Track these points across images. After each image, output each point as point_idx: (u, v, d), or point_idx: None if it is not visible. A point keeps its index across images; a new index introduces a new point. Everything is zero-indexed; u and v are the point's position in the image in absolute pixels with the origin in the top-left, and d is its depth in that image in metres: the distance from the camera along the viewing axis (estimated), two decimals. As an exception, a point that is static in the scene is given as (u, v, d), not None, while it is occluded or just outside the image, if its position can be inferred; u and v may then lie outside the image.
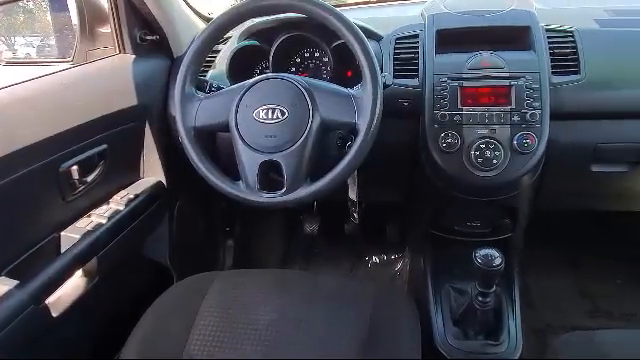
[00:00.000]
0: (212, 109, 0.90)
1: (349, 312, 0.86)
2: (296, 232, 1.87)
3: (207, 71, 1.21)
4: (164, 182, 1.25)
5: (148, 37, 1.21)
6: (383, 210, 1.76)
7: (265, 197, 0.86)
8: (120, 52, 1.20)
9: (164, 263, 1.30)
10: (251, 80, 0.89)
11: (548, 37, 1.04)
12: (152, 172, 1.24)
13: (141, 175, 1.24)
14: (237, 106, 0.87)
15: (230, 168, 0.90)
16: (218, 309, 0.88)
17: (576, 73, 1.00)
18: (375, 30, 1.14)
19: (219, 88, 1.00)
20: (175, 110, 0.91)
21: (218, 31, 0.91)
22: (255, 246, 1.79)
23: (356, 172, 1.07)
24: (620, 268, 1.62)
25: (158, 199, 1.22)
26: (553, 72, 1.00)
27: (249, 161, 0.86)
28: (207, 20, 1.36)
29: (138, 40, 1.20)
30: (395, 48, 1.10)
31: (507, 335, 1.00)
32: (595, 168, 1.06)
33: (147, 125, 1.19)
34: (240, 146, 0.87)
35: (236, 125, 0.87)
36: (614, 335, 0.78)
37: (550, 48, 1.02)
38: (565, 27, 1.06)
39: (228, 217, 1.63)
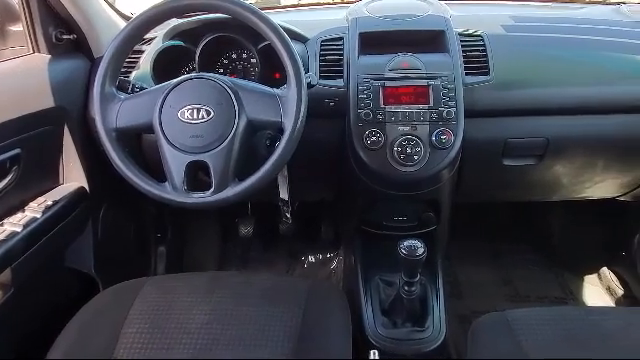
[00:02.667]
0: (134, 110, 0.88)
1: (282, 309, 0.87)
2: (231, 236, 1.85)
3: (131, 72, 1.18)
4: (86, 187, 1.20)
5: (65, 36, 1.16)
6: (317, 209, 1.79)
7: (193, 198, 0.86)
8: (34, 52, 1.14)
9: (89, 272, 1.24)
10: (175, 80, 0.88)
11: (461, 41, 1.11)
12: (73, 177, 1.18)
13: (61, 181, 1.18)
14: (161, 106, 0.86)
15: (158, 170, 0.88)
16: (147, 315, 0.86)
17: (486, 74, 1.07)
18: (301, 32, 1.16)
19: (142, 89, 0.98)
20: (95, 111, 0.88)
21: (138, 29, 0.89)
22: (189, 252, 1.75)
23: (287, 172, 1.09)
24: (534, 255, 1.77)
25: (80, 205, 1.17)
26: (466, 73, 1.07)
27: (175, 162, 0.85)
28: (129, 19, 1.32)
29: (54, 40, 1.14)
30: (321, 50, 1.13)
31: (432, 321, 1.06)
32: (506, 162, 1.14)
33: (66, 128, 1.14)
34: (165, 147, 0.85)
35: (160, 126, 0.85)
36: (523, 312, 0.85)
37: (463, 51, 1.09)
38: (475, 32, 1.14)
39: (159, 223, 1.59)
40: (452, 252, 1.72)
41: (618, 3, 1.31)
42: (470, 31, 1.15)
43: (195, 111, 0.85)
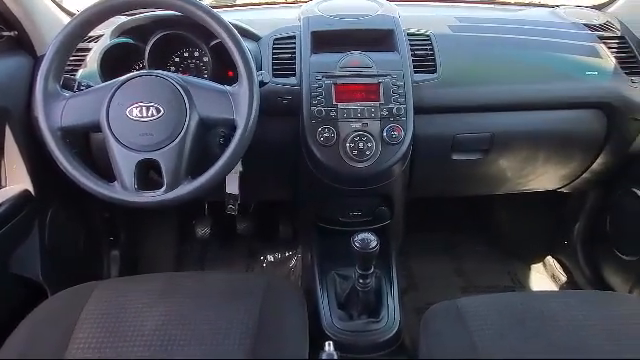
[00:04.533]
0: (80, 108, 0.86)
1: (238, 307, 0.86)
2: (188, 237, 1.82)
3: (77, 70, 1.14)
4: (31, 190, 1.15)
5: (4, 33, 1.11)
6: (275, 208, 1.79)
7: (144, 197, 0.84)
8: (-31, 49, 1.08)
9: (36, 279, 1.19)
10: (123, 77, 0.86)
11: (409, 40, 1.15)
12: (16, 180, 1.13)
13: (2, 183, 1.13)
14: (108, 104, 0.84)
15: (108, 170, 0.87)
16: (99, 319, 0.84)
17: (433, 72, 1.12)
18: (254, 31, 1.17)
19: (89, 87, 0.95)
20: (38, 110, 0.85)
21: (82, 26, 0.87)
22: (144, 255, 1.71)
23: (241, 167, 1.09)
24: (486, 247, 1.84)
25: (24, 209, 1.12)
26: (415, 71, 1.11)
27: (124, 161, 0.84)
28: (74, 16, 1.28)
29: (-8, 37, 1.09)
30: (273, 48, 1.14)
31: (387, 312, 1.09)
32: (455, 156, 1.19)
33: (7, 129, 1.09)
34: (114, 146, 0.84)
35: (108, 124, 0.84)
36: (472, 300, 0.89)
37: (411, 50, 1.13)
38: (423, 32, 1.18)
39: (111, 226, 1.54)
40: (408, 246, 1.77)
41: (555, 6, 1.39)
42: (418, 31, 1.18)
43: (144, 109, 0.84)
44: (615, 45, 1.22)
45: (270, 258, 1.79)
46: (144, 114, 0.84)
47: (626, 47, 1.22)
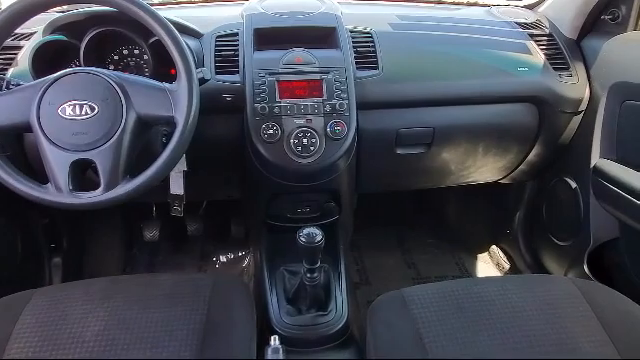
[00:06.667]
0: (8, 107, 0.82)
1: (185, 308, 0.85)
2: (136, 241, 1.77)
3: (7, 69, 1.09)
4: None
5: None
6: (226, 208, 1.78)
7: (81, 198, 0.82)
8: None
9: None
10: (54, 75, 0.83)
11: (352, 37, 1.17)
12: None
13: None
14: (39, 103, 0.81)
15: (43, 172, 0.83)
16: (36, 328, 0.80)
17: (375, 69, 1.14)
18: (195, 28, 1.15)
19: (19, 86, 0.91)
20: None
21: (6, 23, 0.83)
22: (90, 261, 1.65)
23: (185, 166, 1.07)
24: (434, 239, 1.90)
25: None
26: (357, 67, 1.13)
27: (57, 161, 0.81)
28: None
29: None
30: (216, 45, 1.13)
31: (334, 305, 1.10)
32: (399, 151, 1.22)
33: None
34: (45, 146, 0.81)
35: (39, 123, 0.81)
36: (417, 289, 0.92)
37: (354, 47, 1.15)
38: (365, 29, 1.21)
39: (52, 232, 1.48)
40: (360, 241, 1.80)
41: (490, 5, 1.46)
42: (360, 28, 1.21)
43: (77, 107, 0.81)
44: (544, 42, 1.29)
45: (223, 259, 1.77)
46: (77, 112, 0.81)
47: (554, 44, 1.29)
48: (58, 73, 0.84)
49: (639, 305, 0.88)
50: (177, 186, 1.06)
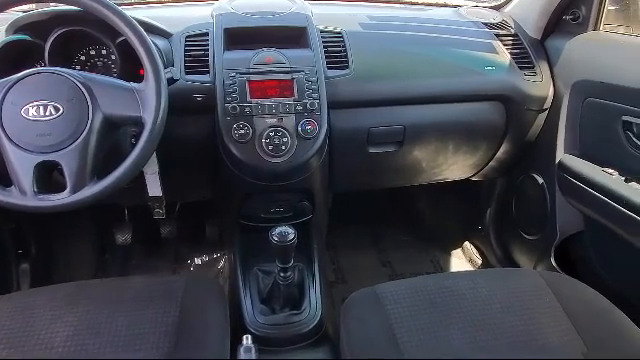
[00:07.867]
0: None
1: (156, 310, 0.85)
2: (109, 245, 1.74)
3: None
4: None
5: None
6: (200, 209, 1.76)
7: (45, 201, 0.80)
8: None
9: None
10: (16, 75, 0.82)
11: (322, 37, 1.17)
12: None
13: None
14: (0, 104, 0.79)
15: (6, 173, 0.81)
16: (1, 336, 0.78)
17: (346, 68, 1.15)
18: (164, 28, 1.14)
19: None
20: None
21: None
22: (60, 267, 1.61)
23: (157, 168, 1.06)
24: (409, 236, 1.93)
25: None
26: (328, 67, 1.14)
27: (21, 163, 0.79)
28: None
29: None
30: (185, 45, 1.12)
31: (308, 304, 1.10)
32: (371, 149, 1.24)
33: None
34: (8, 148, 0.79)
35: (1, 125, 0.79)
36: (389, 285, 0.93)
37: (324, 47, 1.16)
38: (335, 29, 1.21)
39: (19, 237, 1.43)
40: (336, 240, 1.81)
41: (457, 6, 1.49)
42: (330, 28, 1.22)
43: (41, 108, 0.79)
44: (510, 42, 1.32)
45: (197, 261, 1.76)
46: (41, 113, 0.79)
47: (519, 44, 1.33)
48: (21, 73, 0.82)
49: (603, 295, 0.91)
50: (155, 188, 1.05)
